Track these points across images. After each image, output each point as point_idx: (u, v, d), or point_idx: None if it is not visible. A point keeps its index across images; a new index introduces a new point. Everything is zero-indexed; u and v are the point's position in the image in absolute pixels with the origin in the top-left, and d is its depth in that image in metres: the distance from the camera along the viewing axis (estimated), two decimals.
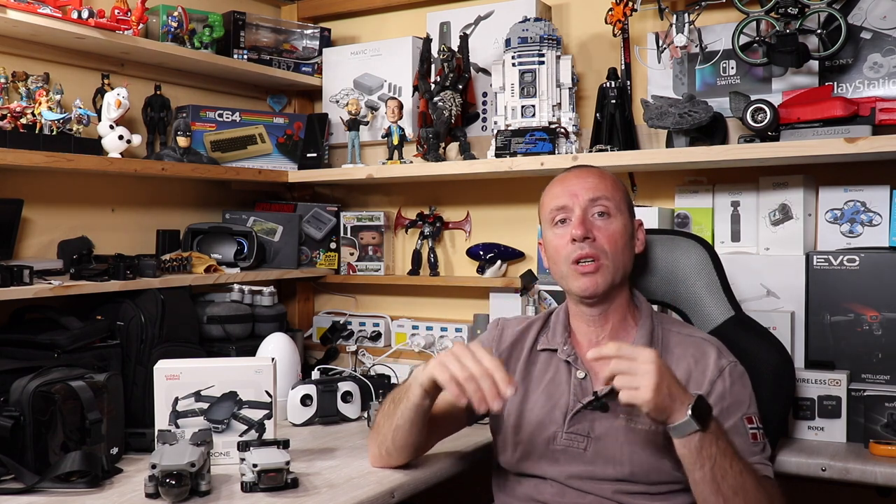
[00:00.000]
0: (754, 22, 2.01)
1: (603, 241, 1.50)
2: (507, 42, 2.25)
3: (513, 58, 2.22)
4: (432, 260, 2.56)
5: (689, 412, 1.27)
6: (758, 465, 1.41)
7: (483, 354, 1.36)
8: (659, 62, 2.22)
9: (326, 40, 2.77)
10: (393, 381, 2.30)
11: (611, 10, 2.18)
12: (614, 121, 2.20)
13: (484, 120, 2.52)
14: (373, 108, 2.60)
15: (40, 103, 1.98)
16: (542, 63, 2.19)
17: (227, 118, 2.56)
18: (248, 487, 1.50)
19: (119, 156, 2.13)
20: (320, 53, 2.74)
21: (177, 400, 1.67)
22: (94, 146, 2.08)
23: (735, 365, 1.49)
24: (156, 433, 1.62)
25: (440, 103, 2.36)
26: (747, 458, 1.38)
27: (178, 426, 1.66)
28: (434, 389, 1.44)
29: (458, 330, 2.46)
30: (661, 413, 1.28)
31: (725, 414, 1.43)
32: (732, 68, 2.16)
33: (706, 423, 1.28)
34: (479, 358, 1.35)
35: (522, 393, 1.58)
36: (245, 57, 2.54)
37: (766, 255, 2.00)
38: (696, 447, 1.28)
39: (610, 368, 1.29)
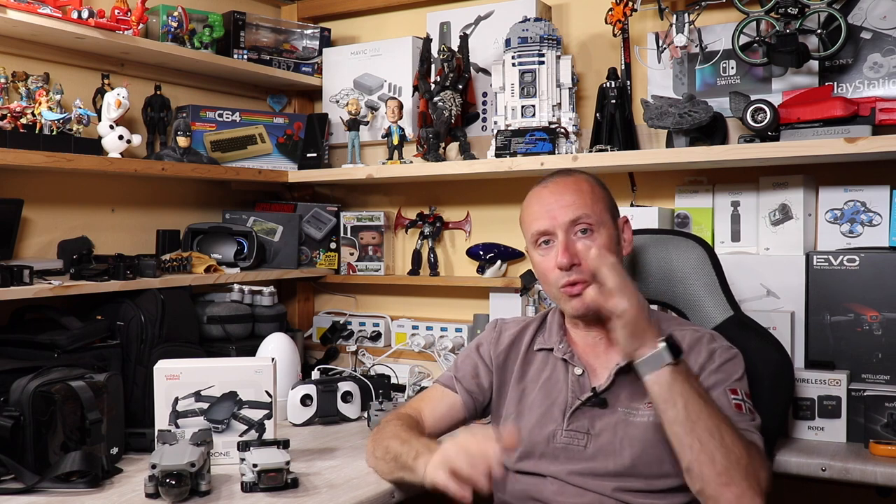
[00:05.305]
0: (754, 22, 2.01)
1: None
2: (507, 42, 2.25)
3: (513, 58, 2.22)
4: (432, 260, 2.56)
5: (662, 343, 1.31)
6: (743, 430, 1.38)
7: (472, 443, 1.32)
8: (659, 62, 2.22)
9: (326, 40, 2.76)
10: (393, 380, 2.30)
11: (611, 10, 2.18)
12: (614, 121, 2.20)
13: (484, 120, 2.52)
14: (373, 108, 2.60)
15: (40, 103, 1.98)
16: (542, 63, 2.19)
17: (227, 118, 2.56)
18: (248, 487, 1.51)
19: (119, 156, 2.13)
20: (320, 53, 2.74)
21: (177, 400, 1.68)
22: (94, 146, 2.08)
23: (728, 348, 1.49)
24: (156, 433, 1.62)
25: (440, 103, 2.36)
26: None
27: (178, 426, 1.66)
28: None
29: (458, 330, 2.46)
30: (636, 339, 1.32)
31: (709, 383, 1.43)
32: (732, 68, 2.16)
33: (677, 356, 1.31)
34: (472, 451, 1.32)
35: (521, 392, 1.59)
36: (245, 57, 2.54)
37: (766, 255, 2.00)
38: (668, 382, 1.30)
39: (603, 275, 1.33)
